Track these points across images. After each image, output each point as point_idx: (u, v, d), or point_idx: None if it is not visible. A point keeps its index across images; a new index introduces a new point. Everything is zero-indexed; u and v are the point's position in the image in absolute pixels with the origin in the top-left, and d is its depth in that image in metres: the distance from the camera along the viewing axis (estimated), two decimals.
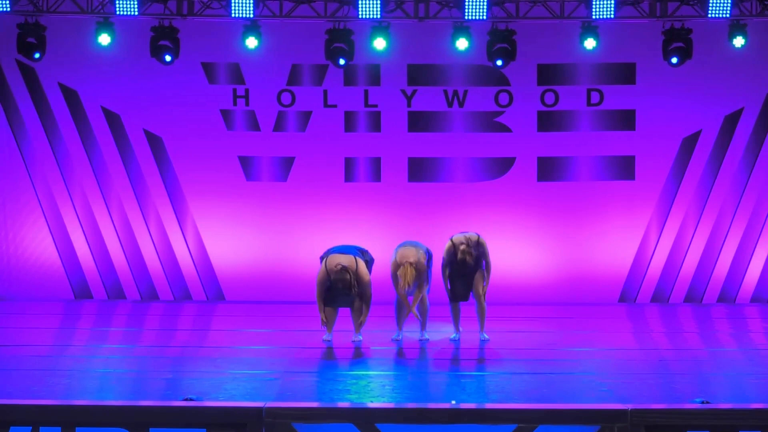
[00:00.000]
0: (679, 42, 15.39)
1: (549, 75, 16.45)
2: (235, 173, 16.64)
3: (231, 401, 9.59)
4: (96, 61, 16.26)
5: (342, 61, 15.63)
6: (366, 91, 16.55)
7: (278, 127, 16.58)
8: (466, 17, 15.18)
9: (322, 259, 12.59)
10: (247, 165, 16.65)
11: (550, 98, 16.48)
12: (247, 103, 16.53)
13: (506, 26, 15.55)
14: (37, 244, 16.68)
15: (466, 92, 16.52)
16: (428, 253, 12.77)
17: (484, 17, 15.17)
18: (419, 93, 16.54)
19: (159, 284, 16.72)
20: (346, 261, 12.35)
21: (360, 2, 15.07)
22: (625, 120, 16.48)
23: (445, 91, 16.53)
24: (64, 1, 15.48)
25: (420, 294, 12.68)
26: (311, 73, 16.50)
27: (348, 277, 12.25)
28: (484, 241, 12.81)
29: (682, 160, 16.47)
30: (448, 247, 12.80)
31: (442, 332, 13.24)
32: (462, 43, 15.54)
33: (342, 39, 15.52)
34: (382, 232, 15.92)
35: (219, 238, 16.66)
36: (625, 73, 16.42)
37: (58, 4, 15.49)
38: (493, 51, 15.53)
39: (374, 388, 10.62)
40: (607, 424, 8.14)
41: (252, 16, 15.24)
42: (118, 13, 15.12)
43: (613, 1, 15.08)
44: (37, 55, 15.58)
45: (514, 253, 16.29)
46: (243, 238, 16.63)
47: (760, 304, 16.31)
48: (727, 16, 15.06)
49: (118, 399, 9.74)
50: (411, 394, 10.40)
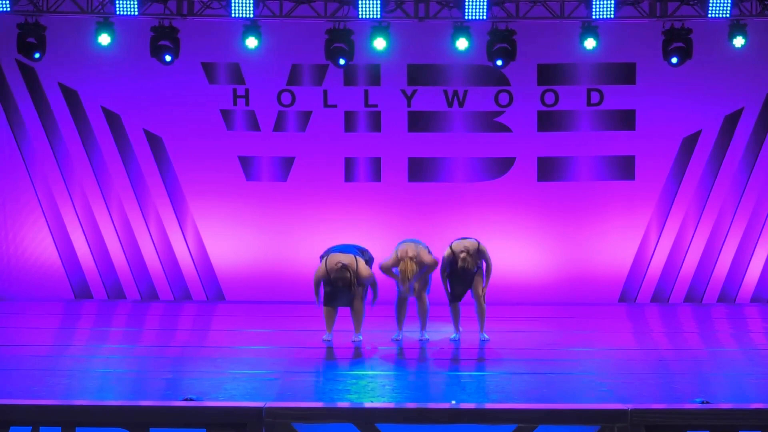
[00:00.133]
0: (679, 42, 15.39)
1: (549, 75, 16.45)
2: (235, 173, 16.64)
3: (231, 401, 9.59)
4: (96, 61, 16.26)
5: (342, 61, 15.63)
6: (366, 91, 16.55)
7: (278, 127, 16.58)
8: (466, 17, 15.19)
9: (322, 258, 12.63)
10: (247, 165, 16.65)
11: (550, 98, 16.48)
12: (247, 103, 16.53)
13: (506, 26, 15.55)
14: (37, 244, 16.68)
15: (466, 92, 16.52)
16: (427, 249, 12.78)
17: (484, 17, 15.17)
18: (419, 93, 16.54)
19: (159, 284, 16.72)
20: (347, 260, 12.40)
21: (360, 2, 15.07)
22: (625, 120, 16.48)
23: (445, 91, 16.53)
24: (64, 1, 15.48)
25: (422, 296, 12.73)
26: (311, 73, 16.50)
27: (348, 276, 12.29)
28: (484, 248, 12.81)
29: (682, 160, 16.47)
30: (448, 254, 12.79)
31: (442, 332, 13.24)
32: (462, 43, 15.55)
33: (342, 39, 15.52)
34: (382, 232, 15.91)
35: (219, 238, 16.66)
36: (625, 73, 16.42)
37: (58, 4, 15.49)
38: (493, 51, 15.54)
39: (374, 388, 10.61)
40: (607, 424, 8.14)
41: (252, 16, 15.24)
42: (118, 13, 15.13)
43: (613, 1, 15.08)
44: (37, 55, 15.58)
45: (514, 253, 16.29)
46: (243, 238, 16.63)
47: (760, 304, 16.31)
48: (727, 16, 15.06)
49: (118, 399, 9.74)
50: (411, 394, 10.39)
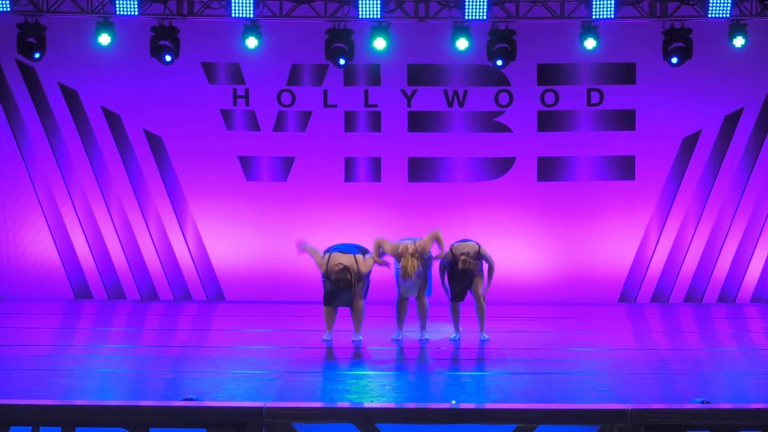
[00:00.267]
0: (679, 42, 15.39)
1: (549, 75, 16.45)
2: (235, 173, 16.64)
3: (231, 401, 9.59)
4: (96, 61, 16.26)
5: (342, 61, 15.63)
6: (366, 91, 16.55)
7: (278, 127, 16.58)
8: (466, 17, 15.19)
9: (324, 254, 12.62)
10: (247, 165, 16.65)
11: (550, 98, 16.48)
12: (247, 103, 16.53)
13: (506, 26, 15.55)
14: (37, 244, 16.68)
15: (466, 92, 16.52)
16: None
17: (484, 17, 15.17)
18: (419, 93, 16.54)
19: (159, 284, 16.72)
20: (347, 261, 12.40)
21: (360, 2, 15.07)
22: (625, 120, 16.48)
23: (445, 91, 16.53)
24: (64, 1, 15.48)
25: (422, 297, 12.74)
26: (311, 73, 16.50)
27: (349, 277, 12.32)
28: (485, 251, 12.84)
29: (682, 160, 16.47)
30: (447, 255, 12.80)
31: (442, 332, 13.24)
32: (462, 43, 15.54)
33: (342, 39, 15.52)
34: (382, 232, 15.80)
35: (219, 238, 16.66)
36: (625, 73, 16.42)
37: (58, 4, 15.49)
38: (493, 51, 15.54)
39: (374, 388, 10.61)
40: (607, 424, 8.14)
41: (252, 16, 15.24)
42: (118, 13, 15.13)
43: (613, 1, 15.08)
44: (37, 55, 15.58)
45: (514, 253, 16.29)
46: (243, 238, 16.63)
47: (760, 304, 16.31)
48: (727, 16, 15.06)
49: (118, 399, 9.74)
50: (411, 394, 10.39)
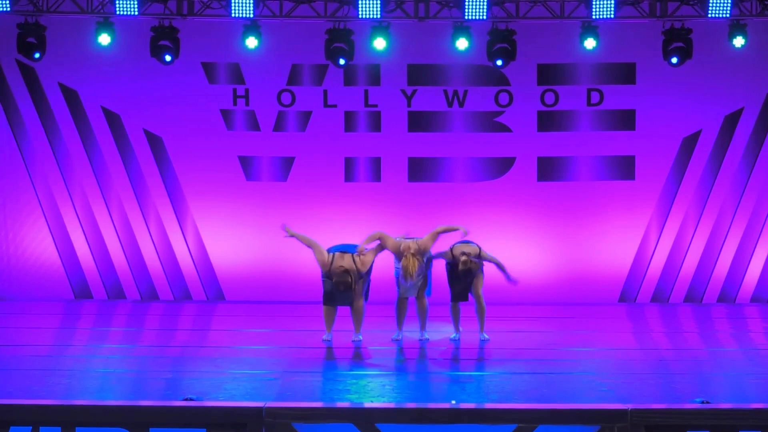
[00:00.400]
0: (679, 42, 15.39)
1: (549, 75, 16.45)
2: (235, 173, 16.63)
3: (231, 401, 9.58)
4: (96, 61, 16.26)
5: (342, 61, 15.63)
6: (366, 91, 16.54)
7: (278, 127, 16.58)
8: (466, 17, 15.19)
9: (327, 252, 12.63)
10: (247, 165, 16.65)
11: (550, 98, 16.47)
12: (247, 103, 16.53)
13: (506, 26, 15.55)
14: (37, 244, 16.67)
15: (466, 92, 16.51)
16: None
17: (484, 17, 15.17)
18: (419, 93, 16.53)
19: (159, 284, 16.72)
20: (347, 263, 12.39)
21: (360, 2, 15.07)
22: (625, 120, 16.48)
23: (445, 91, 16.53)
24: (64, 1, 15.48)
25: (422, 296, 12.74)
26: (311, 73, 16.49)
27: (349, 281, 12.32)
28: (485, 253, 12.85)
29: (682, 160, 16.47)
30: (446, 254, 12.80)
31: (442, 332, 13.23)
32: (462, 43, 15.54)
33: (342, 39, 15.51)
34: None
35: (219, 238, 16.66)
36: (625, 73, 16.42)
37: (58, 4, 15.48)
38: (493, 51, 15.53)
39: (374, 388, 10.60)
40: (607, 424, 8.14)
41: (252, 16, 15.24)
42: (118, 13, 15.13)
43: (613, 1, 15.08)
44: (37, 55, 15.58)
45: (514, 253, 16.24)
46: (243, 238, 16.63)
47: (760, 304, 16.31)
48: (727, 16, 15.06)
49: (118, 399, 9.73)
50: (411, 394, 10.39)
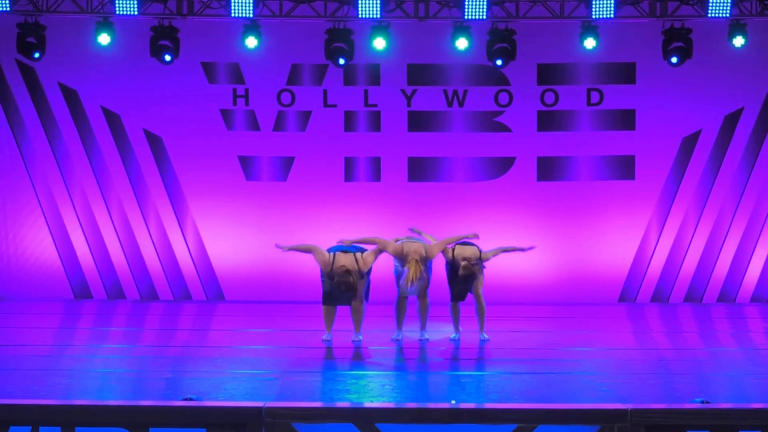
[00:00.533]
0: (679, 42, 15.39)
1: (549, 75, 16.44)
2: (235, 173, 16.63)
3: (231, 401, 9.57)
4: (96, 60, 16.26)
5: (342, 61, 15.62)
6: (366, 91, 16.54)
7: (278, 126, 16.57)
8: (466, 17, 15.18)
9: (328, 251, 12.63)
10: (247, 165, 16.64)
11: (550, 98, 16.47)
12: (247, 103, 16.52)
13: (506, 26, 15.54)
14: (37, 244, 16.67)
15: (465, 92, 16.51)
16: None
17: (484, 17, 15.16)
18: (419, 93, 16.53)
19: (159, 284, 16.71)
20: (349, 262, 12.38)
21: (360, 2, 15.06)
22: (625, 120, 16.48)
23: (445, 91, 16.52)
24: (64, 1, 15.47)
25: (424, 296, 12.75)
26: (311, 72, 16.49)
27: (351, 280, 12.32)
28: (486, 254, 12.85)
29: (682, 160, 16.47)
30: (447, 252, 12.80)
31: (442, 332, 13.23)
32: (462, 43, 15.54)
33: (342, 39, 15.51)
34: (382, 232, 15.82)
35: (219, 238, 16.65)
36: (625, 73, 16.41)
37: (58, 4, 15.48)
38: (493, 51, 15.53)
39: (374, 388, 10.60)
40: (607, 424, 8.13)
41: (252, 15, 15.23)
42: (117, 12, 15.12)
43: (613, 1, 15.07)
44: (37, 55, 15.58)
45: (515, 253, 16.22)
46: (243, 238, 16.62)
47: (760, 304, 16.30)
48: (727, 15, 15.06)
49: (118, 399, 9.73)
50: (411, 394, 10.38)
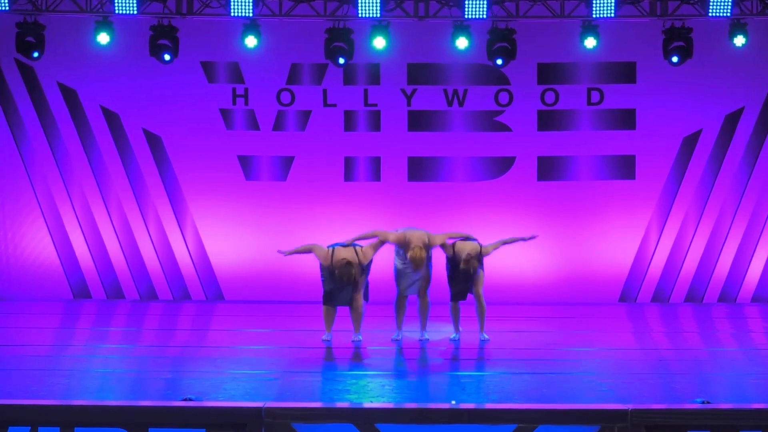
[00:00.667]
0: (679, 41, 15.38)
1: (549, 74, 16.43)
2: (235, 173, 16.62)
3: (231, 401, 9.57)
4: (95, 60, 16.24)
5: (342, 60, 15.61)
6: (366, 91, 16.53)
7: (278, 126, 16.56)
8: (466, 16, 15.18)
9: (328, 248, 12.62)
10: (247, 164, 16.63)
11: (550, 97, 16.46)
12: (247, 103, 16.51)
13: (506, 25, 15.53)
14: (37, 244, 16.66)
15: (466, 91, 16.50)
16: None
17: (484, 16, 15.15)
18: (419, 92, 16.51)
19: (158, 284, 16.70)
20: (349, 255, 12.39)
21: (360, 1, 15.05)
22: (626, 119, 16.46)
23: (445, 90, 16.51)
24: (63, 0, 15.46)
25: (424, 295, 12.74)
26: (311, 72, 16.47)
27: (352, 272, 12.32)
28: (486, 250, 12.85)
29: (683, 160, 16.45)
30: (447, 248, 12.79)
31: (442, 332, 13.22)
32: (462, 42, 15.53)
33: (342, 38, 15.50)
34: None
35: (218, 238, 16.64)
36: (626, 72, 16.40)
37: (57, 3, 15.46)
38: (493, 50, 15.52)
39: (374, 388, 10.59)
40: (607, 424, 8.13)
41: (251, 15, 15.22)
42: (117, 12, 15.11)
43: (613, 0, 15.06)
44: (36, 54, 15.57)
45: (515, 253, 16.18)
46: (243, 237, 16.61)
47: (761, 304, 16.29)
48: (728, 15, 15.05)
49: (118, 399, 9.72)
50: (411, 394, 10.37)
